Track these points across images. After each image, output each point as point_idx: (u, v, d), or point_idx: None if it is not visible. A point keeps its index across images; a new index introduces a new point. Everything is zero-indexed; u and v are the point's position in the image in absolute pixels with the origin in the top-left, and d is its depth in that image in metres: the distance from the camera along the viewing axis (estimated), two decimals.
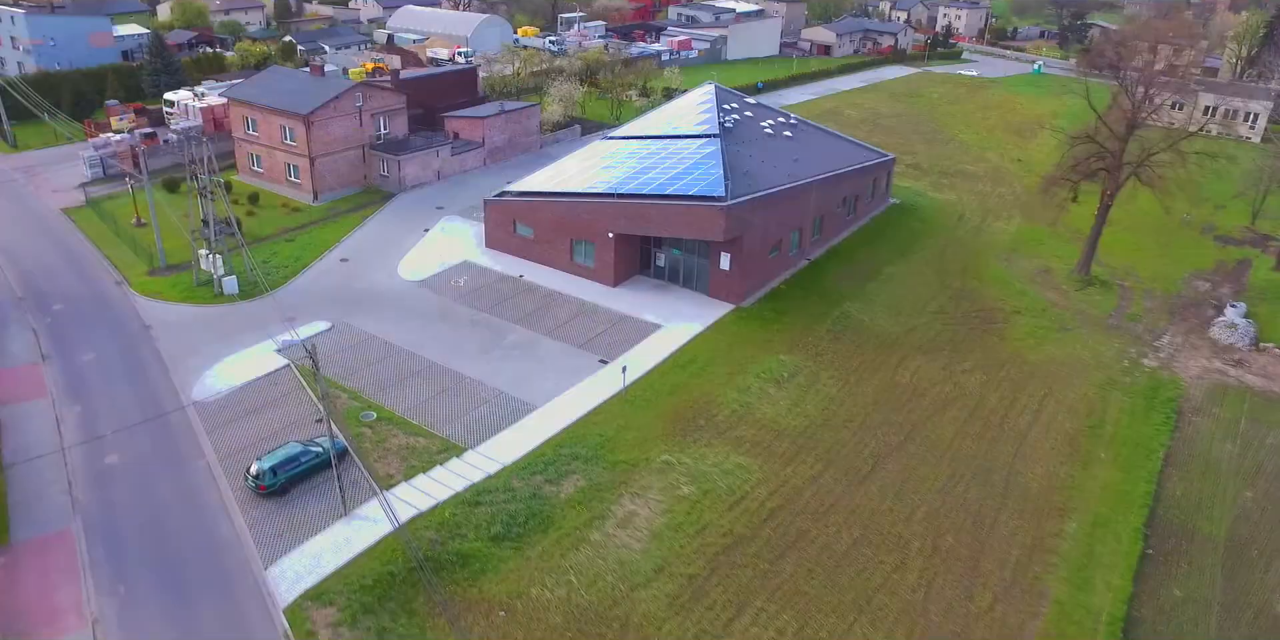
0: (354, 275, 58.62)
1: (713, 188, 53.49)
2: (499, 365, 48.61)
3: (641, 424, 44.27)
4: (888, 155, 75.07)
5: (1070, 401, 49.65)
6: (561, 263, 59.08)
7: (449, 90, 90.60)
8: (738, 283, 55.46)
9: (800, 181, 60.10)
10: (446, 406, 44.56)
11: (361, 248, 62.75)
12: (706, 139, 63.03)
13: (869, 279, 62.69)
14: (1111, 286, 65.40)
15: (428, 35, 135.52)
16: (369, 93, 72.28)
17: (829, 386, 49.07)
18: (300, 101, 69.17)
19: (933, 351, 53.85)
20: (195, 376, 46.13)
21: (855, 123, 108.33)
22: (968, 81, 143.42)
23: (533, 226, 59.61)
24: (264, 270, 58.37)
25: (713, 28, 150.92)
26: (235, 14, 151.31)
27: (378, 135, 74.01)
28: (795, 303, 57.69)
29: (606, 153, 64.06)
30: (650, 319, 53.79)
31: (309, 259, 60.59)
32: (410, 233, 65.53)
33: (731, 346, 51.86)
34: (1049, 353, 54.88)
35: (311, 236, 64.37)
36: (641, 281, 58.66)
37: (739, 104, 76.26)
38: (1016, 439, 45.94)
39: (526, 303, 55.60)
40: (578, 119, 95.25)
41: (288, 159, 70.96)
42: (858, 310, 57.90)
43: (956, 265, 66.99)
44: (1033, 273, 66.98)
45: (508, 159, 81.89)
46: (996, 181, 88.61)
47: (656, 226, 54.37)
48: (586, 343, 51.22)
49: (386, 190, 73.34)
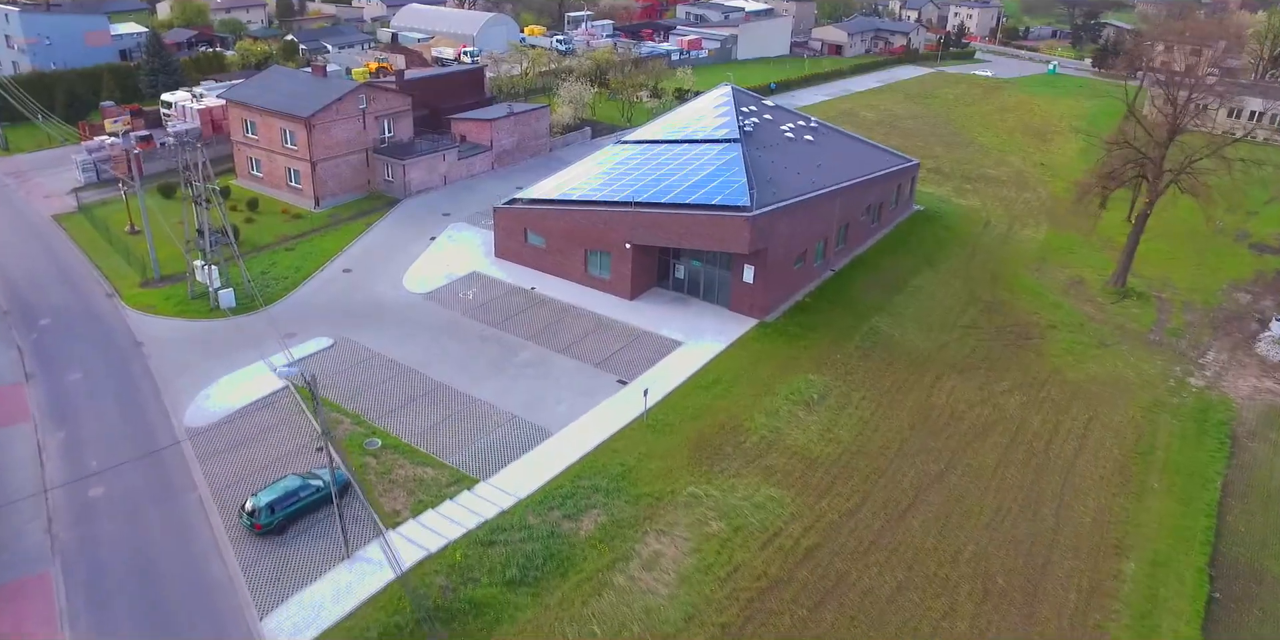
0: (357, 287, 55.80)
1: (736, 196, 50.60)
2: (511, 386, 45.76)
3: (665, 452, 41.41)
4: (911, 160, 72.17)
5: (1117, 425, 46.75)
6: (575, 274, 56.23)
7: (455, 91, 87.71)
8: (761, 296, 52.59)
9: (825, 189, 57.20)
10: (456, 432, 41.72)
11: (365, 257, 59.92)
12: (727, 144, 60.16)
13: (896, 291, 59.79)
14: (1149, 299, 62.46)
15: (433, 34, 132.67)
16: (373, 94, 69.45)
17: (862, 409, 46.19)
18: (301, 103, 66.34)
19: (968, 370, 50.96)
20: (188, 399, 43.31)
21: (872, 125, 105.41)
22: (983, 82, 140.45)
23: (545, 236, 56.76)
24: (263, 281, 55.58)
25: (722, 27, 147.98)
26: (236, 12, 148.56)
27: (382, 138, 71.19)
28: (821, 317, 54.80)
29: (621, 158, 61.20)
30: (670, 335, 50.93)
31: (310, 269, 57.77)
32: (416, 241, 62.70)
33: (757, 365, 48.98)
34: (1090, 371, 51.98)
35: (313, 245, 61.55)
36: (659, 294, 55.79)
37: (757, 107, 73.40)
38: (1063, 467, 43.05)
39: (539, 317, 52.75)
40: (588, 121, 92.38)
41: (288, 163, 68.14)
42: (887, 325, 55.01)
43: (985, 275, 64.09)
44: (1065, 284, 64.04)
45: (516, 163, 79.05)
46: (1020, 186, 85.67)
47: (677, 237, 51.49)
48: (603, 361, 48.36)
49: (391, 196, 70.51)
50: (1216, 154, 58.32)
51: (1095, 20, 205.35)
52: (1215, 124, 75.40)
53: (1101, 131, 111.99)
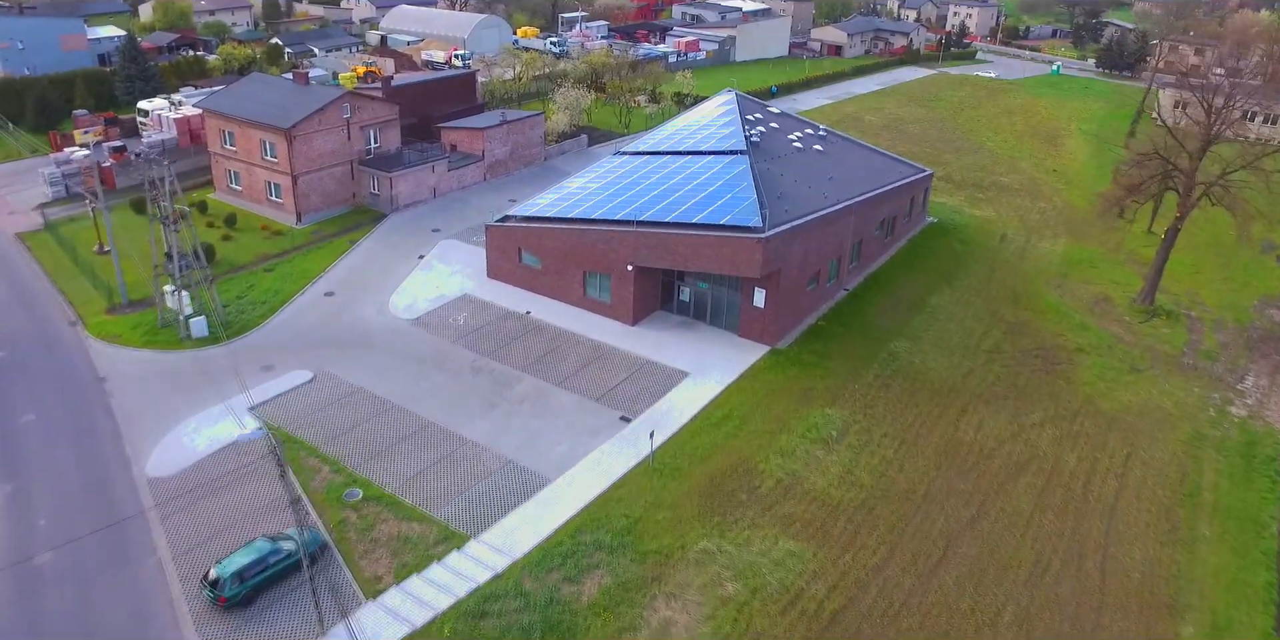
0: (340, 312, 52.19)
1: (747, 216, 47.09)
2: (505, 425, 42.21)
3: (674, 500, 37.91)
4: (925, 170, 68.76)
5: (1158, 462, 43.40)
6: (573, 297, 52.70)
7: (446, 97, 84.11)
8: (773, 322, 49.12)
9: (839, 205, 53.74)
10: (445, 480, 38.18)
11: (349, 278, 56.30)
12: (733, 156, 56.67)
13: (914, 311, 56.36)
14: (1178, 317, 59.17)
15: (423, 37, 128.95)
16: (358, 103, 65.79)
17: (884, 448, 42.73)
18: (281, 113, 62.66)
19: (995, 401, 47.55)
20: (152, 444, 39.67)
21: (877, 130, 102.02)
22: (987, 84, 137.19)
23: (540, 256, 53.21)
24: (239, 306, 51.96)
25: (720, 28, 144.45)
26: (221, 14, 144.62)
27: (368, 149, 67.52)
28: (837, 343, 51.35)
29: (622, 172, 57.64)
30: (676, 365, 47.41)
31: (290, 292, 54.14)
32: (403, 260, 59.08)
33: (770, 399, 45.49)
34: (1123, 400, 48.63)
35: (293, 265, 57.88)
36: (663, 318, 52.28)
37: (763, 114, 69.91)
38: (1105, 512, 39.68)
39: (535, 345, 49.20)
40: (584, 127, 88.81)
41: (268, 177, 64.46)
42: (906, 350, 51.57)
43: (1006, 293, 60.71)
44: (1090, 301, 60.69)
45: (509, 173, 75.47)
46: (1034, 195, 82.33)
47: (683, 260, 47.98)
48: (604, 395, 44.84)
49: (378, 210, 66.87)
50: (1253, 165, 55.00)
51: (1097, 19, 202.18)
52: (1251, 132, 71.44)
53: (1111, 134, 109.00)
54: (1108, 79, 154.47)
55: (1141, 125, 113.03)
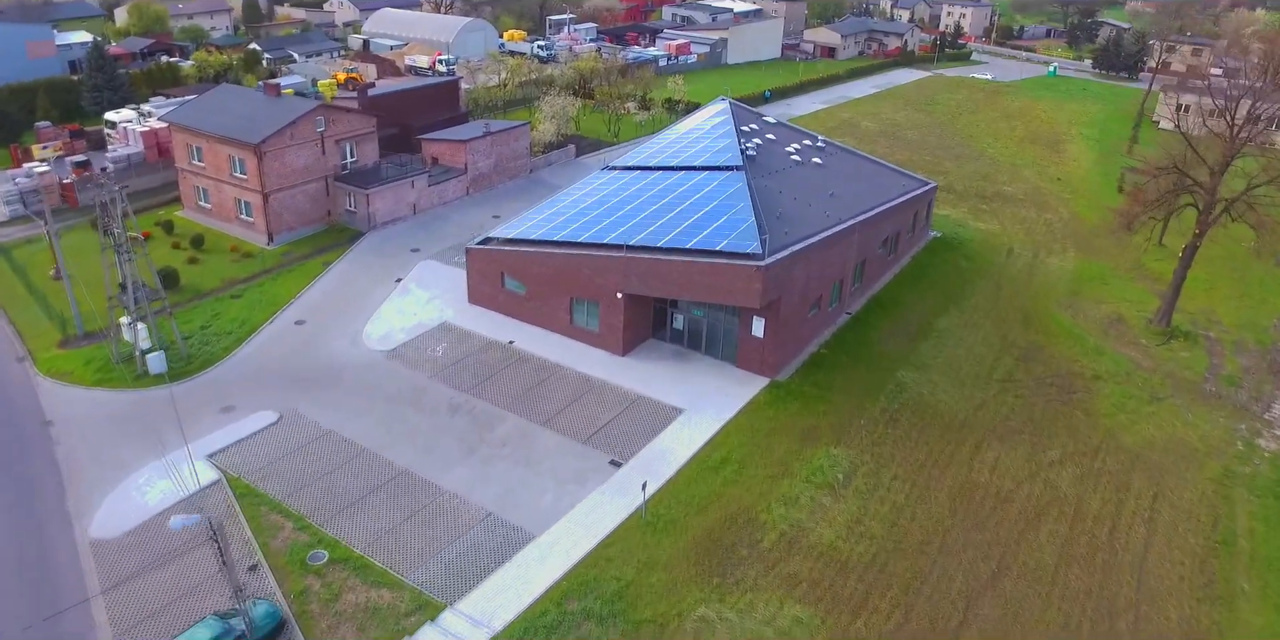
0: (311, 343, 48.87)
1: (745, 241, 43.95)
2: (485, 472, 39.00)
3: (669, 558, 34.77)
4: (928, 183, 65.73)
5: (1187, 504, 40.46)
6: (559, 325, 49.51)
7: (428, 106, 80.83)
8: (773, 352, 46.00)
9: (841, 224, 50.68)
10: (420, 537, 34.97)
11: (321, 305, 52.97)
12: (729, 172, 53.52)
13: (920, 336, 53.34)
14: (1196, 339, 56.32)
15: (407, 41, 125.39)
16: (332, 116, 62.41)
17: (894, 492, 39.67)
18: (251, 128, 59.28)
19: (1010, 436, 44.55)
20: (99, 499, 36.36)
21: (874, 136, 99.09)
22: (984, 86, 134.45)
23: (524, 281, 49.99)
24: (203, 337, 48.61)
25: (711, 30, 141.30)
26: (200, 18, 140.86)
27: (343, 164, 64.16)
28: (840, 373, 48.27)
29: (611, 189, 54.43)
30: (669, 400, 44.26)
31: (258, 321, 50.79)
32: (380, 284, 55.78)
33: (770, 438, 42.37)
34: (1146, 433, 45.70)
35: (263, 290, 54.50)
36: (656, 348, 49.12)
37: (758, 124, 66.81)
38: (1134, 564, 36.71)
39: (518, 379, 45.98)
40: (572, 137, 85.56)
41: (238, 194, 61.06)
42: (914, 380, 48.53)
43: (1015, 314, 57.75)
44: (1104, 322, 57.78)
45: (493, 186, 72.20)
46: (1040, 206, 79.45)
47: (677, 288, 44.82)
48: (592, 436, 41.66)
49: (354, 228, 63.52)
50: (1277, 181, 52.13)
51: (1092, 19, 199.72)
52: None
53: (1113, 140, 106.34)
54: (1105, 80, 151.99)
55: (1144, 130, 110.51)
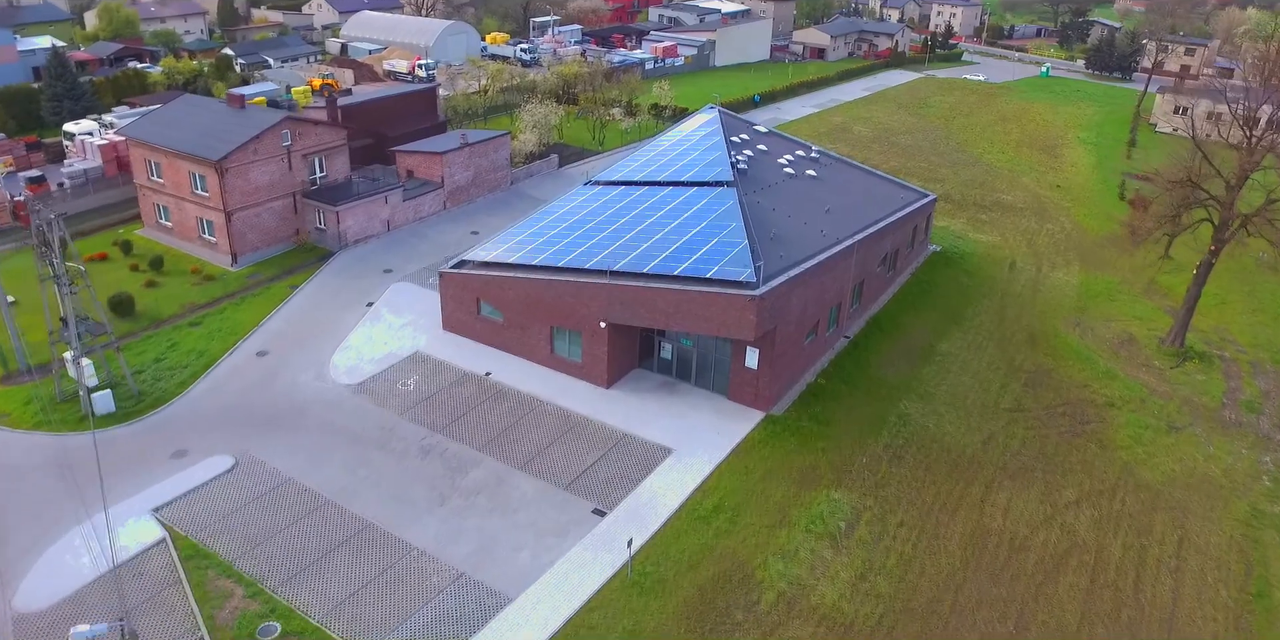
0: (273, 377, 45.55)
1: (737, 267, 40.87)
2: (458, 525, 35.83)
3: (657, 624, 31.69)
4: (927, 195, 62.80)
5: (1215, 550, 37.63)
6: (539, 355, 46.36)
7: (403, 115, 77.50)
8: (768, 384, 42.95)
9: (840, 245, 47.69)
10: (384, 604, 31.78)
11: (286, 334, 49.65)
12: (719, 189, 50.46)
13: (923, 361, 50.41)
14: (1211, 360, 53.59)
15: (386, 45, 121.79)
16: (299, 129, 59.02)
17: (901, 541, 36.68)
18: (211, 143, 55.89)
19: (1022, 474, 41.63)
20: (29, 563, 33.01)
21: (868, 142, 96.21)
22: (976, 88, 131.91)
23: (501, 308, 46.81)
24: (156, 372, 45.27)
25: (699, 31, 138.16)
26: (173, 22, 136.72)
27: (312, 179, 60.78)
28: (839, 404, 45.27)
29: (593, 207, 51.28)
30: (657, 439, 41.16)
31: (217, 353, 47.44)
32: (349, 308, 52.48)
33: (766, 480, 39.33)
34: (1165, 468, 42.86)
35: (224, 318, 51.13)
36: (643, 378, 46.00)
37: (749, 134, 63.75)
38: (1163, 621, 33.86)
39: (495, 415, 42.80)
40: (555, 145, 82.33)
41: (199, 213, 57.66)
42: (918, 411, 45.57)
43: (1021, 334, 54.90)
44: (1114, 342, 54.98)
45: (472, 200, 68.92)
46: (1041, 215, 76.67)
47: (663, 318, 41.71)
48: (574, 481, 38.53)
49: (324, 247, 60.17)
50: None
51: (1083, 18, 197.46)
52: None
53: (1111, 143, 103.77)
54: (1098, 81, 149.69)
55: (1141, 133, 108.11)
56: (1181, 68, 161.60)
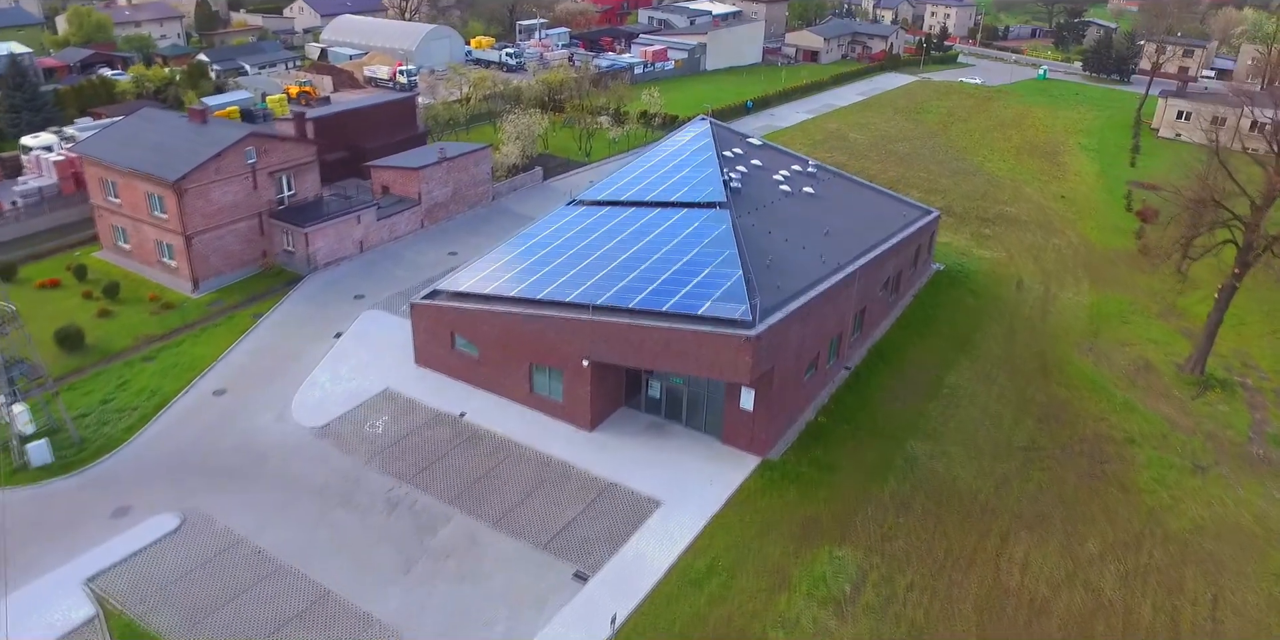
0: (230, 419, 42.12)
1: (731, 303, 37.58)
2: (425, 593, 32.49)
3: None
4: (930, 211, 59.62)
5: (1253, 611, 34.56)
6: (518, 393, 43.03)
7: (381, 126, 74.15)
8: (764, 427, 39.69)
9: (841, 271, 44.47)
10: None
11: (247, 369, 46.20)
12: (712, 211, 47.24)
13: (929, 395, 47.24)
14: (1234, 388, 50.61)
15: (367, 50, 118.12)
16: (265, 145, 55.54)
17: (911, 607, 33.45)
18: (169, 161, 52.41)
19: (1040, 523, 38.48)
20: None
21: (864, 150, 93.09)
22: (973, 91, 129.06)
23: (477, 343, 43.46)
24: (101, 415, 41.81)
25: (689, 34, 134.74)
26: (149, 26, 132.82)
27: (279, 199, 57.29)
28: (841, 446, 42.04)
29: (575, 231, 47.97)
30: (644, 489, 37.88)
31: (170, 392, 43.97)
32: (316, 340, 49.06)
33: (764, 536, 36.08)
34: (1193, 515, 39.76)
35: (181, 351, 47.67)
36: (629, 419, 42.68)
37: (742, 148, 60.52)
38: None
39: (469, 462, 39.46)
40: (540, 156, 78.96)
41: (158, 235, 54.16)
42: (926, 453, 42.38)
43: (1032, 362, 51.80)
44: (1129, 369, 51.94)
45: (451, 217, 65.52)
46: (1046, 229, 73.61)
47: (651, 358, 38.42)
48: (554, 539, 35.23)
49: (293, 270, 56.72)
50: None
51: (1079, 19, 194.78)
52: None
53: (1113, 150, 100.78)
54: (1096, 84, 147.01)
55: (1143, 139, 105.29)
56: (1179, 70, 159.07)
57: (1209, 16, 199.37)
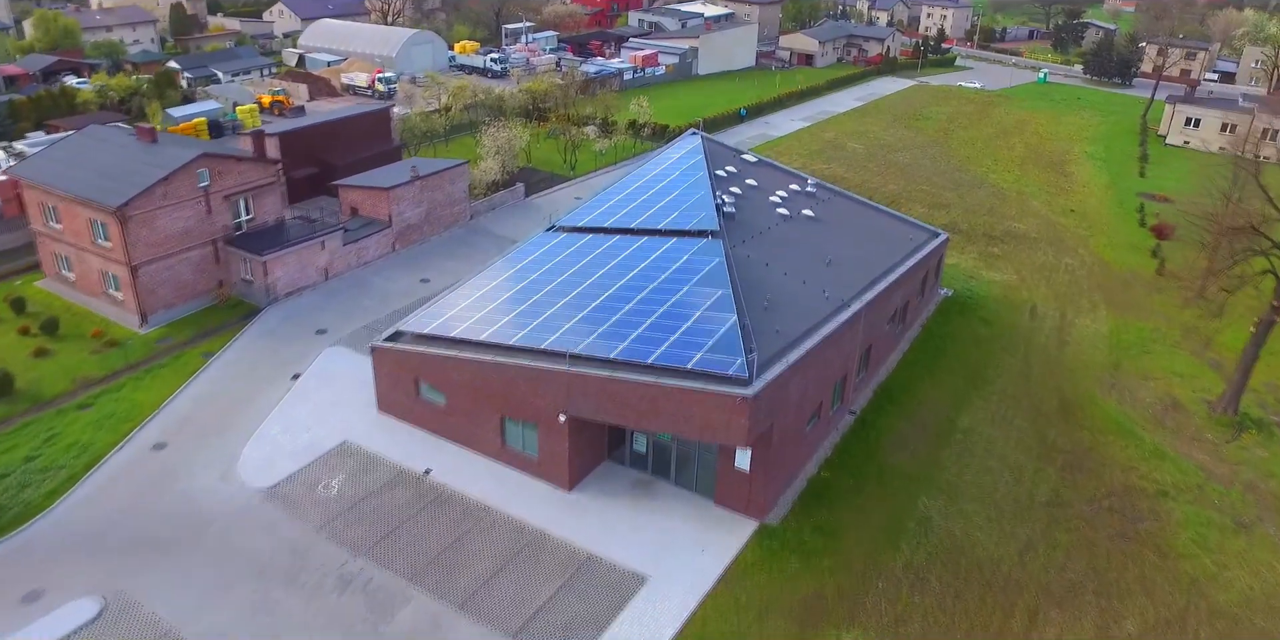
0: (168, 479, 37.84)
1: (726, 356, 33.44)
2: None
3: None
4: (938, 234, 55.59)
5: None
6: (489, 447, 38.87)
7: (353, 139, 69.86)
8: (761, 489, 35.60)
9: (846, 309, 40.34)
10: None
11: (192, 419, 41.92)
12: (703, 240, 43.15)
13: (941, 441, 43.20)
14: (1270, 430, 46.71)
15: (346, 56, 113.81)
16: (220, 166, 51.24)
17: None
18: (112, 185, 48.11)
19: (1070, 597, 34.45)
20: None
21: (863, 161, 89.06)
22: (973, 96, 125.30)
23: (444, 391, 39.27)
24: (21, 477, 37.49)
25: (681, 38, 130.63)
26: (120, 31, 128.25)
27: (237, 223, 52.99)
28: (847, 506, 37.95)
29: (553, 263, 43.82)
30: (628, 563, 33.73)
31: (104, 447, 39.68)
32: (271, 383, 44.80)
33: (762, 619, 31.97)
34: (1240, 585, 35.80)
35: (121, 397, 43.36)
36: (612, 476, 38.52)
37: (736, 166, 56.49)
38: None
39: (433, 530, 35.28)
40: (522, 169, 74.76)
41: (103, 265, 49.87)
42: (940, 512, 38.30)
43: (1051, 400, 47.84)
44: (1156, 409, 48.00)
45: (425, 240, 61.28)
46: (1057, 247, 69.64)
47: (634, 416, 34.26)
48: (527, 624, 31.08)
49: (251, 302, 52.43)
50: None
51: (1078, 20, 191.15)
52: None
53: (1121, 159, 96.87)
54: (1097, 87, 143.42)
55: (1151, 146, 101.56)
56: (1181, 72, 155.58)
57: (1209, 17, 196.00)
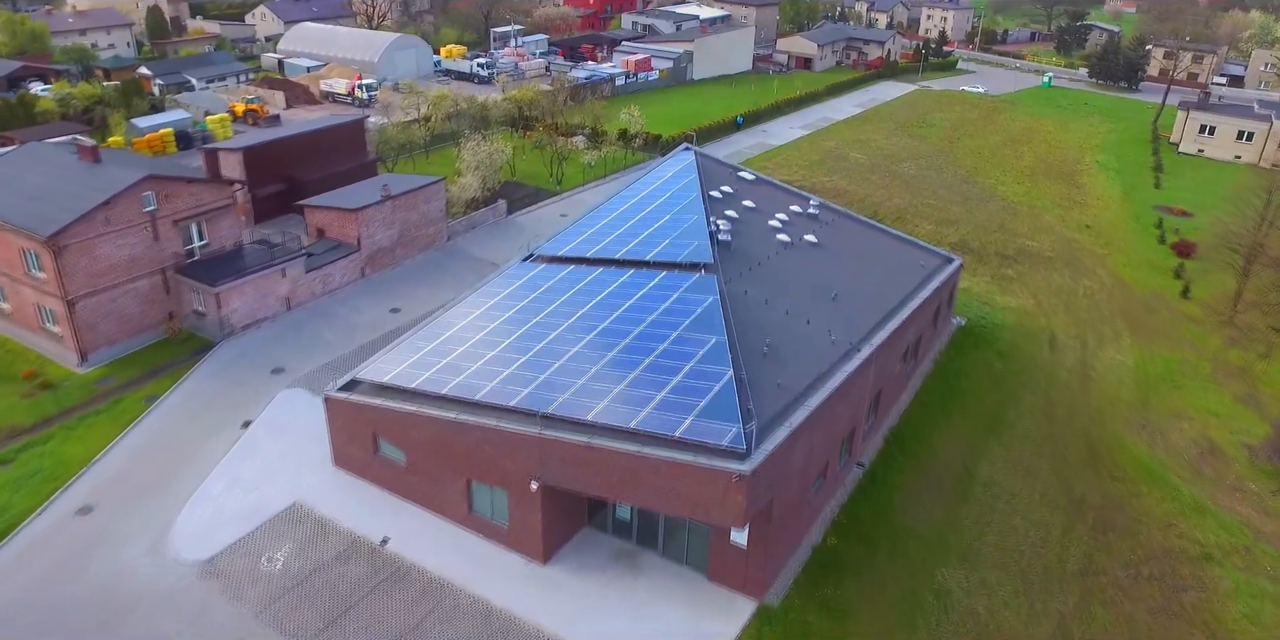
0: (90, 552, 33.50)
1: (718, 422, 29.13)
2: None
3: None
4: (952, 259, 51.36)
5: None
6: (454, 512, 34.61)
7: (324, 154, 65.55)
8: (760, 565, 31.34)
9: (857, 355, 36.10)
10: None
11: (125, 476, 37.58)
12: (695, 275, 38.88)
13: (960, 497, 39.00)
14: None
15: (326, 61, 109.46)
16: (168, 189, 46.92)
17: None
18: (46, 211, 43.80)
19: None
20: None
21: (866, 172, 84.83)
22: (978, 101, 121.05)
23: (404, 449, 34.97)
24: None
25: (675, 42, 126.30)
26: (94, 34, 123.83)
27: (189, 250, 48.66)
28: (856, 579, 33.69)
29: (529, 298, 39.54)
30: None
31: (22, 511, 35.34)
32: (218, 432, 40.46)
33: None
34: None
35: (48, 451, 39.01)
36: (592, 545, 34.23)
37: (732, 186, 52.24)
38: None
39: (389, 613, 30.98)
40: (505, 183, 70.46)
41: (38, 298, 45.54)
42: (961, 585, 34.07)
43: (1077, 446, 43.68)
44: (1193, 454, 43.88)
45: (397, 264, 56.97)
46: (1074, 267, 65.47)
47: (615, 488, 29.99)
48: None
49: (204, 336, 48.11)
50: None
51: (1081, 22, 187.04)
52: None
53: (1134, 168, 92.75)
54: (1104, 91, 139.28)
55: (1164, 155, 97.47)
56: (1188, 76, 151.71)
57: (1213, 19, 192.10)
